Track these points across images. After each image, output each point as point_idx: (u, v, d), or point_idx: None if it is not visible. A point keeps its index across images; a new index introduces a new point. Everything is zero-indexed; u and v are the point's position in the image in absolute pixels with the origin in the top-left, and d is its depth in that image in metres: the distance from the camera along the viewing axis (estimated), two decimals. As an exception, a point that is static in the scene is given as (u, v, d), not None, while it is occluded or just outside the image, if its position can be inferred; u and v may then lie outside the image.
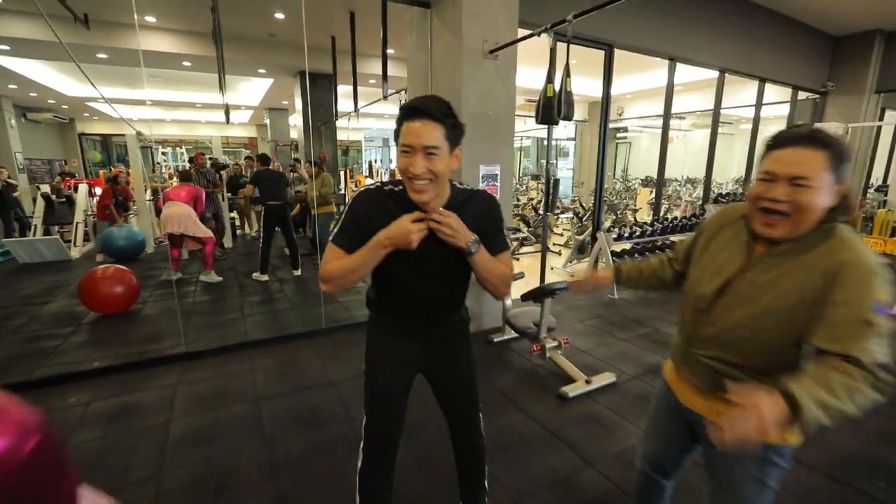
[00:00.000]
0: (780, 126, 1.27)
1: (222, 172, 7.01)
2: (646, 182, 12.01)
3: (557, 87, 2.76)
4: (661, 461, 1.35)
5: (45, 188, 7.09)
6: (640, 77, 9.28)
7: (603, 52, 4.43)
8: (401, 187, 1.18)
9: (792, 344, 0.98)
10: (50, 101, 11.12)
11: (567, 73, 2.56)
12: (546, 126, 3.31)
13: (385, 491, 1.43)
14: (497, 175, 3.46)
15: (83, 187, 6.82)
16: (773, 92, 6.85)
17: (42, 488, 0.48)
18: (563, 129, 13.46)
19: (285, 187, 5.18)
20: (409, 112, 1.08)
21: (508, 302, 3.49)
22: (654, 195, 9.85)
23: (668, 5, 4.75)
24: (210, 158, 7.94)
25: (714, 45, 5.34)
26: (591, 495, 1.87)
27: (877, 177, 8.88)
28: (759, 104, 6.33)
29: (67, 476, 0.54)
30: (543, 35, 2.76)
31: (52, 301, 4.36)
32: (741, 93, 7.89)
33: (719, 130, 6.16)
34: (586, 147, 13.01)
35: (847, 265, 0.90)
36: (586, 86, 9.13)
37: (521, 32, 3.27)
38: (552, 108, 2.60)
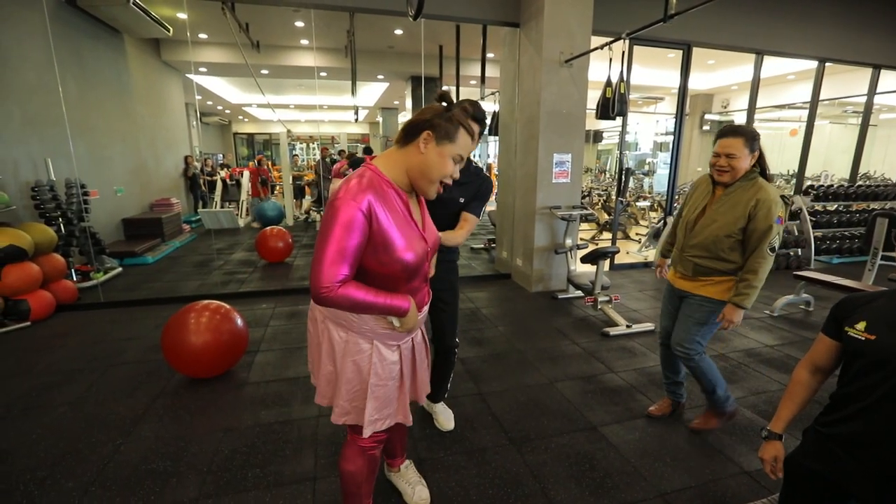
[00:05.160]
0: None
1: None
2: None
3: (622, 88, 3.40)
4: (669, 331, 2.11)
5: (223, 174, 9.27)
6: (747, 68, 8.94)
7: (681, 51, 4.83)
8: None
9: (732, 241, 1.79)
10: (218, 108, 13.98)
11: (621, 79, 3.21)
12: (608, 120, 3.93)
13: None
14: (568, 162, 4.17)
15: (247, 173, 8.82)
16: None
17: None
18: (663, 123, 13.18)
19: None
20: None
21: (573, 266, 4.20)
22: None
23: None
24: (335, 151, 9.71)
25: (808, 34, 5.29)
26: (607, 387, 2.60)
27: None
28: (871, 93, 6.02)
29: None
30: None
31: (235, 253, 6.04)
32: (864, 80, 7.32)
33: (848, 121, 5.99)
34: (685, 140, 12.62)
35: (760, 199, 1.70)
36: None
37: (595, 40, 3.91)
38: (608, 106, 3.27)
